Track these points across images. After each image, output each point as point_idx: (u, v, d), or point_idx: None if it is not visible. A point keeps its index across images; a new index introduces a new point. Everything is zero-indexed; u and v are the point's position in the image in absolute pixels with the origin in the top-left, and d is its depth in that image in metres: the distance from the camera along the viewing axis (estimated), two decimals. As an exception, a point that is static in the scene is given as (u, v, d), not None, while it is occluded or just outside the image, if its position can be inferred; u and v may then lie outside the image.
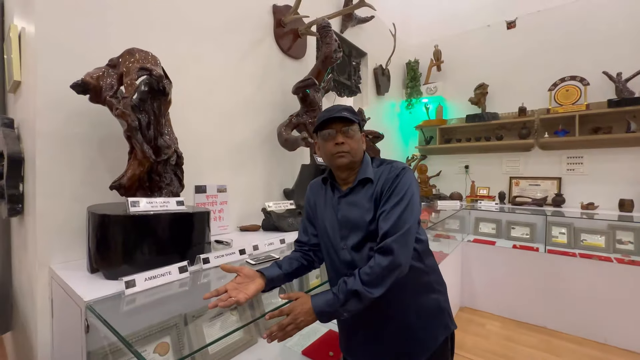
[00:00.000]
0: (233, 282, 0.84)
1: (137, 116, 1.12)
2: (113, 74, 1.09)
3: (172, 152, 1.22)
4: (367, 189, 0.93)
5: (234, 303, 0.78)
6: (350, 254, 0.91)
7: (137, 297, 0.93)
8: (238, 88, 1.88)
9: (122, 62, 1.10)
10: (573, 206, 3.11)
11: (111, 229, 0.99)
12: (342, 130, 0.92)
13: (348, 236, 0.92)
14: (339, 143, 0.91)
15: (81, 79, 1.01)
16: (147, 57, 1.14)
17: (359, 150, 0.96)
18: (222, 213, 1.74)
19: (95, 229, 1.00)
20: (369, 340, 0.94)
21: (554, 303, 2.63)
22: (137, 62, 1.10)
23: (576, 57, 3.14)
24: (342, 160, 0.93)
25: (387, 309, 0.91)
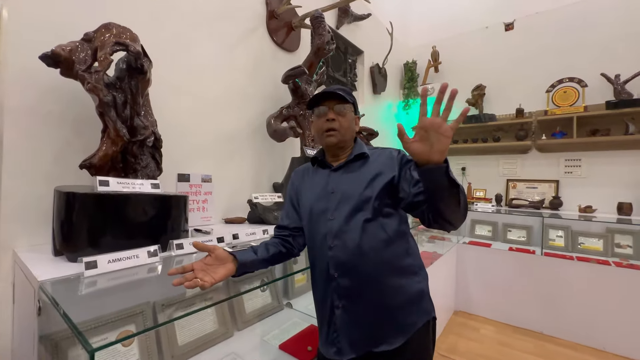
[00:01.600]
0: (202, 261, 0.78)
1: (112, 93, 1.08)
2: (87, 48, 1.05)
3: (150, 134, 1.17)
4: (363, 165, 0.94)
5: (197, 285, 0.72)
6: (339, 224, 0.89)
7: (100, 281, 0.87)
8: (228, 77, 1.84)
9: (98, 36, 1.05)
10: (571, 209, 3.05)
11: (76, 209, 0.93)
12: (334, 107, 0.93)
13: (337, 207, 0.91)
14: (330, 119, 0.92)
15: (51, 50, 0.97)
16: (125, 32, 1.09)
17: (349, 130, 0.96)
18: (206, 204, 1.68)
19: (60, 209, 0.94)
20: (346, 323, 0.89)
21: (550, 307, 2.55)
22: (113, 37, 1.06)
23: (574, 59, 3.11)
24: (330, 140, 0.94)
25: (366, 287, 0.87)
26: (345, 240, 0.87)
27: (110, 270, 0.88)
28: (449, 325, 2.71)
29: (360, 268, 0.87)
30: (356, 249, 0.86)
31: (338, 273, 0.88)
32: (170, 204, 1.13)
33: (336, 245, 0.88)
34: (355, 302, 0.88)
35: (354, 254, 0.86)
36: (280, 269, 1.38)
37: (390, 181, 0.87)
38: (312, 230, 0.96)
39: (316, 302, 0.99)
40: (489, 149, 3.51)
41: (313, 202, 0.96)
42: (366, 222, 0.86)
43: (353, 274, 0.87)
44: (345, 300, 0.88)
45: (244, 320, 1.26)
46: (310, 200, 0.97)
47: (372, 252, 0.86)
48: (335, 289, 0.89)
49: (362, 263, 0.86)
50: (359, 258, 0.86)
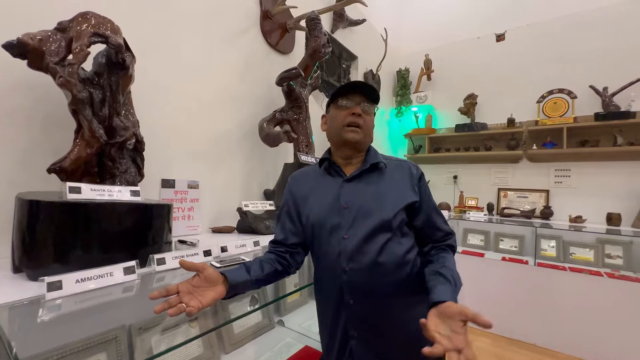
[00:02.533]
0: (189, 282, 0.67)
1: (88, 89, 0.96)
2: (61, 39, 0.94)
3: (131, 135, 1.06)
4: (380, 177, 0.86)
5: (182, 311, 0.62)
6: (356, 245, 0.79)
7: (65, 304, 0.75)
8: (218, 77, 1.74)
9: (74, 26, 0.94)
10: (561, 219, 3.07)
11: (40, 219, 0.81)
12: (362, 103, 0.85)
13: (353, 224, 0.81)
14: (357, 114, 0.83)
15: (17, 39, 0.85)
16: (105, 23, 0.99)
17: (371, 129, 0.89)
18: (192, 212, 1.57)
19: (21, 219, 0.82)
20: (364, 354, 0.80)
21: (544, 319, 2.53)
22: (91, 27, 0.95)
23: (564, 71, 3.16)
24: (352, 135, 0.84)
25: (385, 315, 0.80)
26: (363, 263, 0.78)
27: (78, 291, 0.76)
28: (442, 338, 2.64)
29: (378, 293, 0.78)
30: (375, 273, 0.78)
31: (354, 299, 0.79)
32: (152, 213, 1.01)
33: (352, 269, 0.79)
34: (372, 330, 0.80)
35: (373, 279, 0.78)
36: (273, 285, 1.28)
37: (412, 204, 0.83)
38: (320, 248, 0.86)
39: (323, 327, 0.90)
40: (480, 157, 3.52)
41: (321, 217, 0.86)
42: (386, 244, 0.78)
43: (371, 300, 0.79)
44: (362, 329, 0.80)
45: (231, 342, 1.15)
46: (317, 213, 0.87)
47: (391, 277, 0.78)
48: (350, 316, 0.80)
49: (380, 288, 0.78)
50: (377, 284, 0.78)
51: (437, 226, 0.86)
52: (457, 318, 0.59)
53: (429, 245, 0.86)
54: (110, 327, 0.84)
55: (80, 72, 0.98)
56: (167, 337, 0.96)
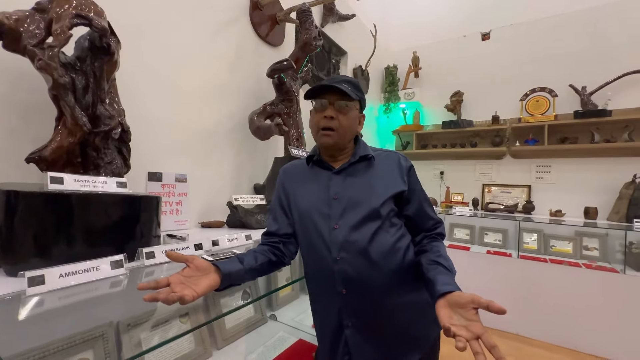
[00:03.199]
0: (179, 274, 0.64)
1: (70, 75, 0.91)
2: (40, 20, 0.88)
3: (116, 124, 1.01)
4: (368, 168, 0.86)
5: (176, 300, 0.58)
6: (345, 234, 0.80)
7: (48, 299, 0.71)
8: (207, 68, 1.69)
9: (54, 7, 0.89)
10: (542, 213, 3.18)
11: (19, 211, 0.76)
12: (336, 103, 0.82)
13: (343, 215, 0.81)
14: (328, 117, 0.81)
15: (-9, 17, 0.79)
16: (88, 5, 0.94)
17: (349, 130, 0.85)
18: (180, 206, 1.52)
19: (-2, 211, 0.77)
20: (359, 342, 0.81)
21: (526, 309, 2.62)
22: (73, 8, 0.90)
23: (545, 70, 3.27)
24: (325, 140, 0.84)
25: (378, 303, 0.80)
26: (353, 252, 0.78)
27: (63, 286, 0.72)
28: (430, 330, 2.69)
29: (370, 282, 0.79)
30: (366, 261, 0.78)
31: (346, 289, 0.79)
32: (140, 205, 0.98)
33: (343, 258, 0.79)
34: (366, 319, 0.80)
35: (364, 268, 0.78)
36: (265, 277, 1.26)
37: (401, 193, 0.83)
38: (310, 240, 0.85)
39: (317, 318, 0.90)
40: (466, 154, 3.59)
41: (311, 208, 0.86)
42: (376, 233, 0.79)
43: (363, 289, 0.79)
44: (356, 318, 0.80)
45: (224, 337, 1.12)
46: (307, 205, 0.87)
47: (382, 265, 0.78)
48: (344, 306, 0.80)
49: (372, 277, 0.78)
50: (369, 271, 0.78)
51: (428, 215, 0.88)
52: (469, 307, 0.59)
53: (421, 234, 0.87)
54: (97, 323, 0.80)
55: (61, 57, 0.92)
56: (157, 333, 0.93)
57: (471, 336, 0.54)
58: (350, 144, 0.90)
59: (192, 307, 1.02)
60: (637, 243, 2.49)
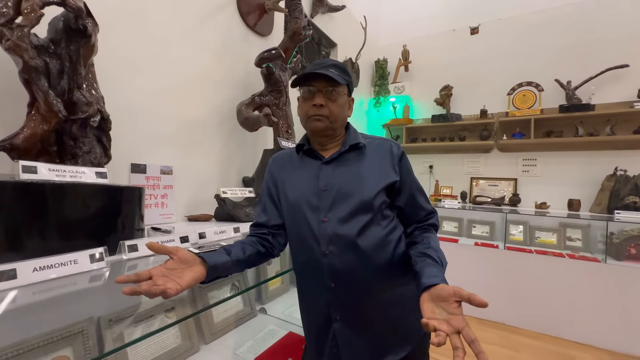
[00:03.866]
0: (162, 266, 0.61)
1: (42, 58, 0.86)
2: (7, -2, 0.82)
3: (95, 112, 0.96)
4: (359, 158, 0.83)
5: (159, 293, 0.55)
6: (335, 227, 0.77)
7: (22, 295, 0.66)
8: (193, 56, 1.63)
9: (23, -16, 0.83)
10: (528, 205, 3.25)
11: (-11, 202, 0.71)
12: (324, 90, 0.79)
13: (332, 207, 0.79)
14: (317, 105, 0.79)
15: (-49, -7, 0.73)
16: (61, -17, 0.88)
17: (340, 116, 0.83)
18: (165, 199, 1.48)
19: (-36, 202, 0.72)
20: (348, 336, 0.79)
21: (512, 299, 2.68)
22: (44, -14, 0.84)
23: (532, 64, 3.31)
24: (317, 124, 0.81)
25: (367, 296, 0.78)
26: (342, 245, 0.76)
27: (37, 280, 0.68)
28: (419, 321, 2.73)
29: (360, 276, 0.77)
30: (355, 255, 0.76)
31: (335, 282, 0.77)
32: (122, 197, 0.93)
33: (332, 252, 0.77)
34: (355, 313, 0.78)
35: (353, 261, 0.76)
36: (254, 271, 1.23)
37: (393, 184, 0.81)
38: (299, 232, 0.83)
39: (305, 312, 0.88)
40: (455, 147, 3.63)
41: (300, 200, 0.83)
42: (366, 226, 0.76)
43: (352, 282, 0.78)
44: (344, 312, 0.78)
45: (212, 331, 1.10)
46: (296, 196, 0.84)
47: (372, 258, 0.77)
48: (332, 300, 0.78)
49: (362, 270, 0.77)
50: (358, 265, 0.76)
51: (420, 205, 0.85)
52: (451, 300, 0.58)
53: (412, 225, 0.85)
54: (76, 319, 0.76)
55: (33, 38, 0.87)
56: (140, 328, 0.90)
57: (451, 330, 0.52)
58: (340, 130, 0.87)
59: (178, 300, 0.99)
60: (617, 233, 2.57)
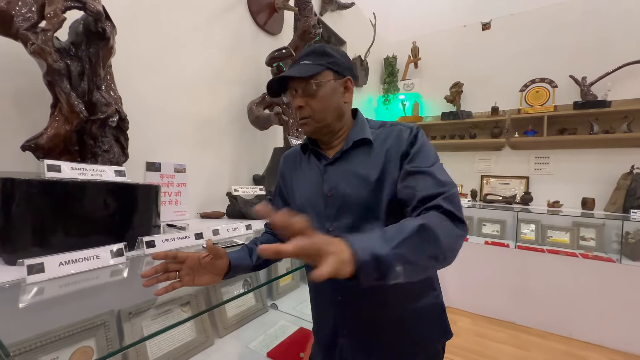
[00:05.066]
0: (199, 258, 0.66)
1: (64, 60, 0.89)
2: (32, 3, 0.85)
3: (113, 112, 0.99)
4: (366, 155, 0.72)
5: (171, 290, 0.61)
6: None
7: (49, 288, 0.70)
8: (204, 57, 1.66)
9: (45, -11, 0.86)
10: (540, 204, 3.20)
11: (17, 199, 0.75)
12: (298, 89, 0.71)
13: (337, 216, 0.72)
14: (298, 107, 0.72)
15: (-20, -1, 0.77)
16: (82, -13, 0.91)
17: (327, 110, 0.72)
18: (179, 196, 1.51)
19: (-5, 199, 0.75)
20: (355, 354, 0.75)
21: (522, 298, 2.66)
22: (66, -9, 0.87)
23: (545, 60, 3.25)
24: (305, 128, 0.75)
25: (380, 313, 0.73)
26: None
27: (63, 274, 0.72)
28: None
29: (368, 292, 0.69)
30: None
31: (342, 296, 0.74)
32: (139, 194, 0.96)
33: None
34: (363, 330, 0.74)
35: None
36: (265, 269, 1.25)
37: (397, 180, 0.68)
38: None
39: (315, 318, 0.86)
40: (465, 145, 3.59)
41: (306, 204, 0.78)
42: None
43: (360, 298, 0.72)
44: (351, 327, 0.75)
45: (225, 325, 1.13)
46: (302, 200, 0.79)
47: None
48: (339, 314, 0.76)
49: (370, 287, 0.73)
50: None
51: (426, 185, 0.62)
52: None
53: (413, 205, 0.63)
54: (99, 312, 0.80)
55: (56, 42, 0.90)
56: (158, 322, 0.93)
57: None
58: (338, 124, 0.75)
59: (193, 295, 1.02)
60: (633, 233, 2.51)
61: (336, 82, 0.72)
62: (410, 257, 0.48)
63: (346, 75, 0.74)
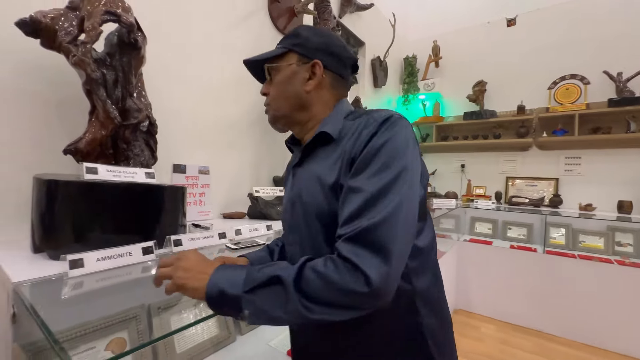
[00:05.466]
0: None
1: (101, 70, 0.95)
2: (73, 18, 0.92)
3: (144, 117, 1.05)
4: (330, 152, 0.58)
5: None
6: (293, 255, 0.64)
7: (87, 281, 0.75)
8: (226, 62, 1.72)
9: (85, 4, 0.93)
10: (570, 207, 3.04)
11: (59, 199, 0.81)
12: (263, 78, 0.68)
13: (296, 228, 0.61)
14: (262, 94, 0.68)
15: (30, 16, 0.84)
16: (116, 1, 0.97)
17: (281, 98, 0.64)
18: (203, 197, 1.57)
19: (40, 199, 0.82)
20: None
21: (550, 306, 2.53)
22: (102, 5, 0.93)
23: (576, 56, 3.09)
24: (268, 117, 0.70)
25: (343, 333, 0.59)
26: None
27: (99, 269, 0.77)
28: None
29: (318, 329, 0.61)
30: None
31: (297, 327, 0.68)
32: (168, 195, 1.02)
33: None
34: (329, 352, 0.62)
35: None
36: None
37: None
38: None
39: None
40: (489, 145, 3.47)
41: (283, 213, 0.72)
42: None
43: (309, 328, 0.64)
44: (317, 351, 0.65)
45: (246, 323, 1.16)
46: (283, 208, 0.72)
47: None
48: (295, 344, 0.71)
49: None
50: None
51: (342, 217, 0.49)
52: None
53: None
54: (131, 305, 0.85)
55: (93, 53, 0.96)
56: (185, 317, 0.98)
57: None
58: (309, 114, 0.63)
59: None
60: (676, 239, 2.34)
61: (299, 67, 0.62)
62: (260, 306, 0.46)
63: (314, 58, 0.62)
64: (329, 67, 0.63)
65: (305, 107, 0.64)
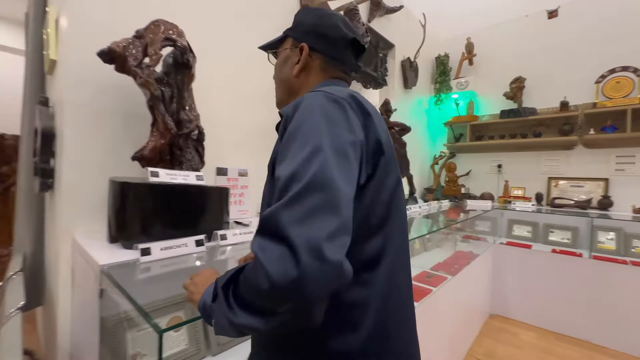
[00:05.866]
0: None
1: (160, 88, 1.11)
2: (139, 45, 1.09)
3: (194, 127, 1.20)
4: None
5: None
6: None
7: (152, 267, 0.90)
8: (263, 72, 1.85)
9: (147, 33, 1.09)
10: (622, 210, 2.81)
11: (130, 197, 0.97)
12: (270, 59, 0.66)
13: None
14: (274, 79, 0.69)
15: (107, 47, 1.01)
16: (173, 28, 1.13)
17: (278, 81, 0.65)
18: (242, 197, 1.71)
19: (115, 197, 0.99)
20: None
21: (599, 314, 2.37)
22: (162, 33, 1.09)
23: (628, 46, 2.85)
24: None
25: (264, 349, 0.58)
26: None
27: (162, 257, 0.92)
28: (484, 329, 2.59)
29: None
30: None
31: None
32: (214, 195, 1.15)
33: None
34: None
35: None
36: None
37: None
38: None
39: None
40: (528, 145, 3.31)
41: None
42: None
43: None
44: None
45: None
46: None
47: None
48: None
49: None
50: None
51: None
52: None
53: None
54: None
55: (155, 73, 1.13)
56: (229, 303, 1.10)
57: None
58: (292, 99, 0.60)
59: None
60: None
61: (292, 52, 0.62)
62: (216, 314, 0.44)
63: (303, 42, 0.59)
64: (317, 49, 0.60)
65: (295, 92, 0.62)
